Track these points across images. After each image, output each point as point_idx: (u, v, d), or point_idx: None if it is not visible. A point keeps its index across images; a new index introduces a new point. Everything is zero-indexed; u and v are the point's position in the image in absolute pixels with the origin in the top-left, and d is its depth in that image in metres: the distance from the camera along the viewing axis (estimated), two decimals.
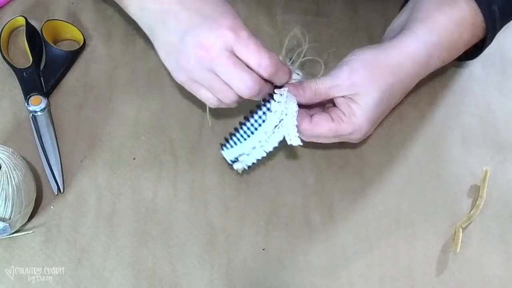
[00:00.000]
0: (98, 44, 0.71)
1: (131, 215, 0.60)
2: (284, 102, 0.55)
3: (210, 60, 0.51)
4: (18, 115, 0.65)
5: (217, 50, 0.51)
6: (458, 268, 0.59)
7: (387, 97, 0.57)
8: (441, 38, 0.58)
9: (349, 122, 0.56)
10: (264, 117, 0.56)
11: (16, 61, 0.68)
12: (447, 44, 0.59)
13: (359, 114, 0.55)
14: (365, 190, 0.63)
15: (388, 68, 0.56)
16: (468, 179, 0.64)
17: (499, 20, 0.61)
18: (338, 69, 0.57)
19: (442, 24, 0.58)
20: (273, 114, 0.55)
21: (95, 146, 0.64)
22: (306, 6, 0.75)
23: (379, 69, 0.56)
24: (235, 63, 0.51)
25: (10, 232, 0.57)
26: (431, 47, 0.58)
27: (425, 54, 0.58)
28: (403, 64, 0.57)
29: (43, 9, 0.72)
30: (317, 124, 0.56)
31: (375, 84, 0.56)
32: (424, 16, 0.59)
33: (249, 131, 0.57)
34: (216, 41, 0.51)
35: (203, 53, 0.51)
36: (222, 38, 0.51)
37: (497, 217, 0.62)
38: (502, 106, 0.69)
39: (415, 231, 0.61)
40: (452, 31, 0.59)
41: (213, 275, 0.58)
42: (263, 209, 0.61)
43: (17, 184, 0.54)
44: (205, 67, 0.52)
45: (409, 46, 0.58)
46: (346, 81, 0.56)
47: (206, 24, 0.52)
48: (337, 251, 0.59)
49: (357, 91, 0.55)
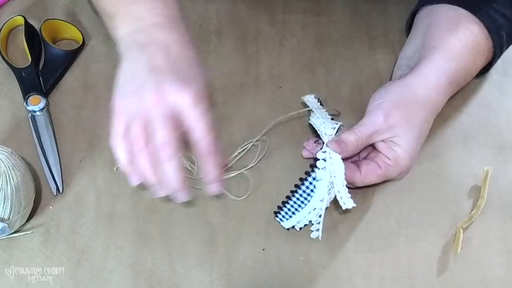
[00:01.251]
0: (97, 44, 0.70)
1: (130, 216, 0.60)
2: (330, 164, 0.56)
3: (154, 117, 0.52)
4: (17, 115, 0.65)
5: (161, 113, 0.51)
6: (459, 268, 0.59)
7: (424, 131, 0.60)
8: (458, 65, 0.61)
9: (396, 165, 0.58)
10: (312, 186, 0.57)
11: (15, 61, 0.68)
12: (464, 71, 0.62)
13: (403, 156, 0.58)
14: (365, 190, 0.63)
15: (419, 104, 0.59)
16: (469, 179, 0.64)
17: (505, 45, 0.64)
18: (373, 115, 0.58)
19: (458, 52, 0.61)
20: (321, 182, 0.56)
21: (94, 146, 0.64)
22: (306, 6, 0.75)
23: (411, 107, 0.58)
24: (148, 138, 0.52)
25: (9, 232, 0.57)
26: (450, 75, 0.61)
27: (446, 83, 0.60)
28: (430, 96, 0.60)
29: (42, 8, 0.72)
30: (367, 175, 0.58)
31: (411, 123, 0.58)
32: (440, 43, 0.61)
33: (301, 200, 0.58)
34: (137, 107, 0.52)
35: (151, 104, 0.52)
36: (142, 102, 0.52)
37: (498, 217, 0.62)
38: (503, 106, 0.69)
39: (416, 232, 0.61)
40: (468, 58, 0.61)
41: (213, 275, 0.57)
42: (263, 209, 0.61)
43: (16, 184, 0.53)
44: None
45: (431, 77, 0.60)
46: (383, 126, 0.57)
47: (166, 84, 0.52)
48: (337, 252, 0.59)
49: (396, 133, 0.57)
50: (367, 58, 0.71)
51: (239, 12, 0.74)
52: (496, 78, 0.71)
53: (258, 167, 0.63)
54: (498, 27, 0.61)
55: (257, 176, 0.63)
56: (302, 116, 0.65)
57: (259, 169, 0.63)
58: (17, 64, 0.67)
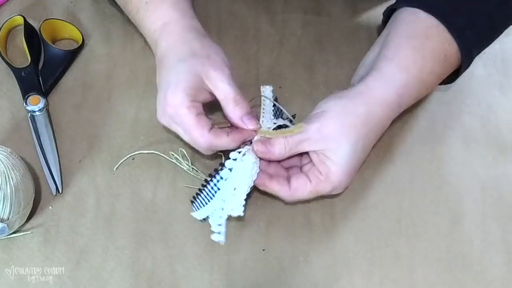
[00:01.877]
0: (97, 44, 0.70)
1: (130, 216, 0.60)
2: (240, 166, 0.56)
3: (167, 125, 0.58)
4: (16, 115, 0.65)
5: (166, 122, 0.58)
6: (460, 269, 0.59)
7: (360, 147, 0.56)
8: (409, 76, 0.57)
9: (327, 181, 0.55)
10: (219, 184, 0.57)
11: (14, 61, 0.68)
12: (417, 82, 0.58)
13: (335, 170, 0.55)
14: (365, 190, 0.63)
15: (359, 118, 0.55)
16: (469, 179, 0.64)
17: (475, 45, 0.59)
18: (307, 123, 0.56)
19: (410, 61, 0.57)
20: (225, 182, 0.56)
21: (94, 146, 0.63)
22: (306, 5, 0.75)
23: (349, 120, 0.55)
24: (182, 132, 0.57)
25: (8, 232, 0.56)
26: (400, 88, 0.57)
27: (395, 95, 0.57)
28: (374, 111, 0.56)
29: (41, 8, 0.72)
30: (297, 190, 0.56)
31: (346, 136, 0.55)
32: (393, 53, 0.58)
33: (210, 196, 0.58)
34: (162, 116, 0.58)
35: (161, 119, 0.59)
36: (165, 114, 0.57)
37: (498, 218, 0.62)
38: (503, 106, 0.69)
39: (416, 231, 0.61)
40: (422, 67, 0.58)
41: (212, 276, 0.57)
42: (263, 209, 0.61)
43: (15, 184, 0.53)
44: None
45: (376, 90, 0.56)
46: (316, 135, 0.55)
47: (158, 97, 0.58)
48: (337, 252, 0.59)
49: (328, 146, 0.55)
50: None
51: (239, 11, 0.74)
52: (496, 78, 0.70)
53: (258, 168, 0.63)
54: (460, 27, 0.58)
55: None
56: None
57: None
58: (17, 64, 0.67)
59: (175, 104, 0.55)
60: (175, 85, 0.55)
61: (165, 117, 0.57)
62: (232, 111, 0.56)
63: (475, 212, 0.62)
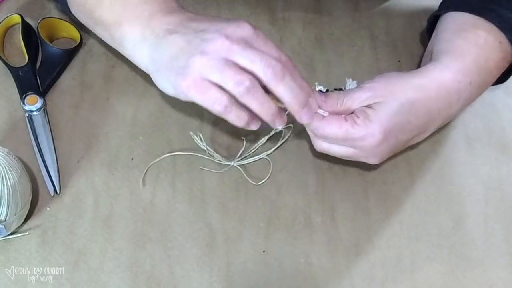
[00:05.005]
0: (95, 43, 0.70)
1: (128, 217, 0.60)
2: None
3: (230, 46, 0.50)
4: (13, 114, 0.65)
5: (236, 37, 0.50)
6: (462, 270, 0.58)
7: (406, 112, 0.54)
8: (467, 63, 0.57)
9: (362, 125, 0.53)
10: None
11: (12, 60, 0.67)
12: (475, 69, 0.57)
13: (373, 119, 0.53)
14: (367, 191, 0.62)
15: (411, 85, 0.55)
16: (472, 179, 0.63)
17: None
18: (361, 85, 0.56)
19: (464, 50, 0.57)
20: None
21: (92, 146, 0.63)
22: (307, 4, 0.75)
23: (401, 85, 0.55)
24: (253, 49, 0.50)
25: (6, 234, 0.56)
26: (458, 73, 0.56)
27: (453, 80, 0.56)
28: (428, 85, 0.55)
29: (39, 6, 0.72)
30: (330, 123, 0.54)
31: (395, 95, 0.54)
32: (446, 46, 0.58)
33: None
34: (236, 30, 0.50)
35: (222, 41, 0.50)
36: (242, 29, 0.51)
37: (501, 219, 0.61)
38: (506, 106, 0.68)
39: (418, 232, 0.60)
40: (477, 55, 0.57)
41: (212, 277, 0.57)
42: (263, 210, 0.61)
43: (12, 185, 0.53)
44: (222, 56, 0.50)
45: (434, 72, 0.56)
46: (367, 93, 0.55)
47: (223, 22, 0.52)
48: (338, 253, 0.59)
49: (375, 99, 0.54)
50: (369, 57, 0.71)
51: (239, 9, 0.74)
52: None
53: (258, 167, 0.63)
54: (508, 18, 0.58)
55: (257, 176, 0.62)
56: None
57: (259, 170, 0.63)
58: (14, 63, 0.66)
59: (245, 26, 0.51)
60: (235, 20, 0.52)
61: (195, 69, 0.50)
62: None
63: (478, 212, 0.62)
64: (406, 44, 0.72)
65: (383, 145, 0.55)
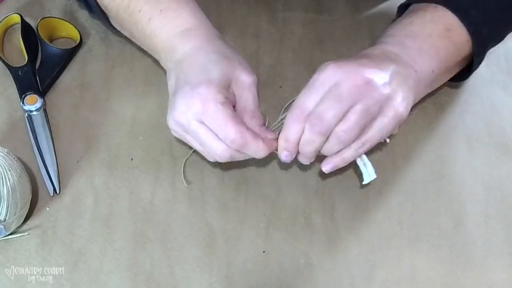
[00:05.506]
0: (95, 43, 0.70)
1: (128, 217, 0.59)
2: None
3: (186, 124, 0.53)
4: (13, 114, 0.64)
5: (187, 119, 0.53)
6: (462, 271, 0.58)
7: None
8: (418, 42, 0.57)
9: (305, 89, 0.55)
10: None
11: (11, 60, 0.67)
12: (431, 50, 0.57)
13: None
14: (367, 191, 0.62)
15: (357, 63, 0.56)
16: (472, 180, 0.63)
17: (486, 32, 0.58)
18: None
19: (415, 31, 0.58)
20: None
21: (91, 146, 0.63)
22: (307, 4, 0.75)
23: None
24: (204, 131, 0.53)
25: (5, 234, 0.56)
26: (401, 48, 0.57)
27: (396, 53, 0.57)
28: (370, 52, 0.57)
29: (38, 6, 0.72)
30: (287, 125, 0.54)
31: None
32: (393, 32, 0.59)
33: None
34: (186, 111, 0.53)
35: (179, 117, 0.53)
36: (191, 109, 0.52)
37: (501, 219, 0.61)
38: (507, 106, 0.68)
39: (418, 233, 0.60)
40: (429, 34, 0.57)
41: (212, 278, 0.57)
42: (263, 210, 0.60)
43: (12, 185, 0.53)
44: (184, 129, 0.54)
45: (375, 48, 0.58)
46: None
47: (183, 92, 0.53)
48: (338, 253, 0.59)
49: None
50: None
51: (239, 9, 0.74)
52: (500, 78, 0.70)
53: (258, 168, 0.63)
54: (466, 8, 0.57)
55: (257, 176, 0.62)
56: None
57: (259, 170, 0.63)
58: (14, 63, 0.66)
59: (208, 99, 0.52)
60: (208, 81, 0.53)
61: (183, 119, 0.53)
62: (248, 121, 0.56)
63: (478, 213, 0.61)
64: None
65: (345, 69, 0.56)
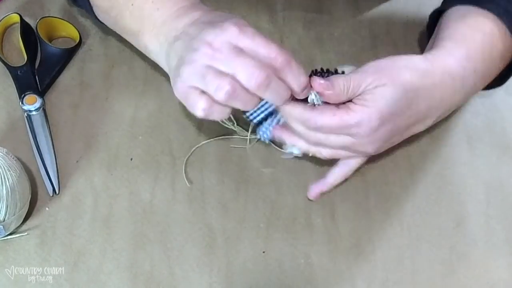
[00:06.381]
0: (95, 42, 0.70)
1: (128, 217, 0.59)
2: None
3: (212, 53, 0.48)
4: (12, 114, 0.64)
5: (219, 42, 0.48)
6: (463, 271, 0.58)
7: (408, 99, 0.52)
8: (471, 49, 0.55)
9: (357, 110, 0.51)
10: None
11: (10, 59, 0.67)
12: (480, 56, 0.56)
13: (370, 104, 0.51)
14: (367, 191, 0.62)
15: (417, 72, 0.53)
16: (473, 180, 0.63)
17: None
18: (365, 67, 0.53)
19: (468, 36, 0.56)
20: None
21: (91, 146, 0.63)
22: (307, 3, 0.74)
23: (407, 71, 0.52)
24: (238, 53, 0.48)
25: (4, 234, 0.56)
26: (462, 59, 0.55)
27: (457, 66, 0.55)
28: (433, 71, 0.53)
29: (38, 5, 0.72)
30: (322, 112, 0.51)
31: (399, 80, 0.52)
32: (450, 32, 0.57)
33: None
34: (219, 35, 0.49)
35: (205, 49, 0.49)
36: (225, 32, 0.49)
37: (502, 219, 0.61)
38: (508, 106, 0.68)
39: (419, 233, 0.60)
40: (482, 41, 0.56)
41: (212, 278, 0.57)
42: (263, 210, 0.60)
43: (11, 185, 0.53)
44: (206, 64, 0.49)
45: (439, 57, 0.54)
46: (373, 75, 0.52)
47: (209, 27, 0.50)
48: (339, 254, 0.59)
49: (378, 83, 0.51)
50: (369, 56, 0.70)
51: (239, 8, 0.74)
52: None
53: (258, 168, 0.63)
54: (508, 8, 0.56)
55: (257, 176, 0.62)
56: None
57: (259, 170, 0.63)
58: (13, 63, 0.66)
59: (244, 24, 0.49)
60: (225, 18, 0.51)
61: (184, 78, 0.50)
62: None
63: (479, 213, 0.61)
64: (406, 44, 0.72)
65: (380, 131, 0.52)
